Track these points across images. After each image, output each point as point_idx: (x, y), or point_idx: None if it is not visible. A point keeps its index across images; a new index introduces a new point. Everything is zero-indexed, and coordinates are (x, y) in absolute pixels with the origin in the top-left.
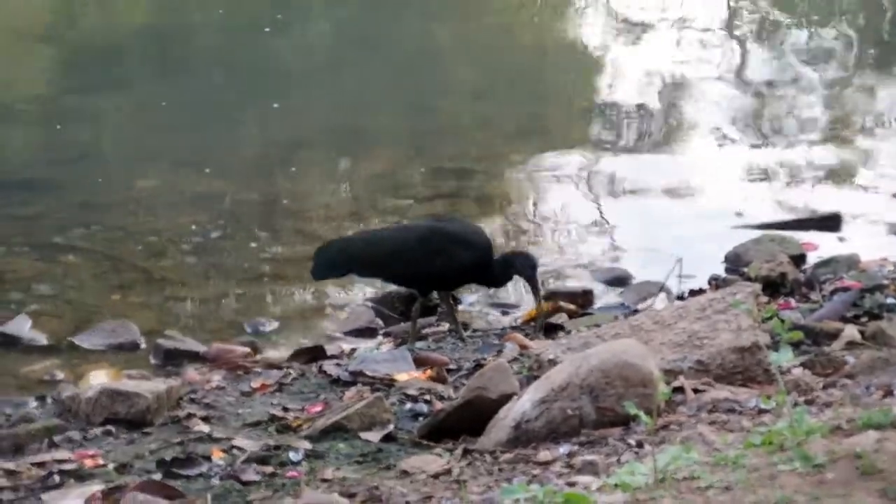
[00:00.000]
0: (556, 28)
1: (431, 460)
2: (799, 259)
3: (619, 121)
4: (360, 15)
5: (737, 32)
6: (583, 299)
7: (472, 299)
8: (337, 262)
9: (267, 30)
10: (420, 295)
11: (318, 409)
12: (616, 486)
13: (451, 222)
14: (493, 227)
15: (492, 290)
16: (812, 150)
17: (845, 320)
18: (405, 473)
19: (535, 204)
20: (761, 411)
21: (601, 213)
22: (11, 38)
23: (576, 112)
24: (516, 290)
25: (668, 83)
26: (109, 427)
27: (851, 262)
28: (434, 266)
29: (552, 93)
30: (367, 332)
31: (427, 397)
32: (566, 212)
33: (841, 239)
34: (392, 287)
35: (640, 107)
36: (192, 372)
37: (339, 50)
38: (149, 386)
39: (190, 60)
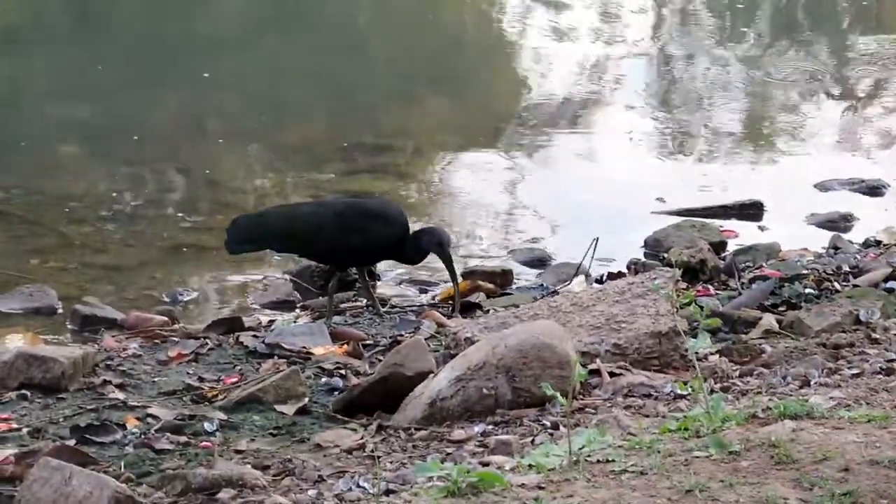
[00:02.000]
0: (482, 4)
1: (346, 435)
2: (719, 246)
3: (541, 101)
4: None
5: (661, 15)
6: (501, 279)
7: (390, 276)
8: (252, 236)
9: None
10: (337, 270)
11: (234, 380)
12: (530, 466)
13: (369, 199)
14: (411, 205)
15: (409, 268)
16: (734, 138)
17: (763, 309)
18: (319, 447)
19: (454, 183)
20: (677, 397)
21: (521, 193)
22: None
23: (498, 92)
24: (434, 268)
25: (592, 63)
26: (24, 391)
27: (771, 251)
28: (350, 242)
29: (474, 71)
30: (284, 305)
31: (343, 372)
32: (486, 191)
33: (761, 228)
34: (309, 261)
35: (563, 88)
36: (108, 339)
37: (267, 21)
38: (65, 351)
39: (117, 23)
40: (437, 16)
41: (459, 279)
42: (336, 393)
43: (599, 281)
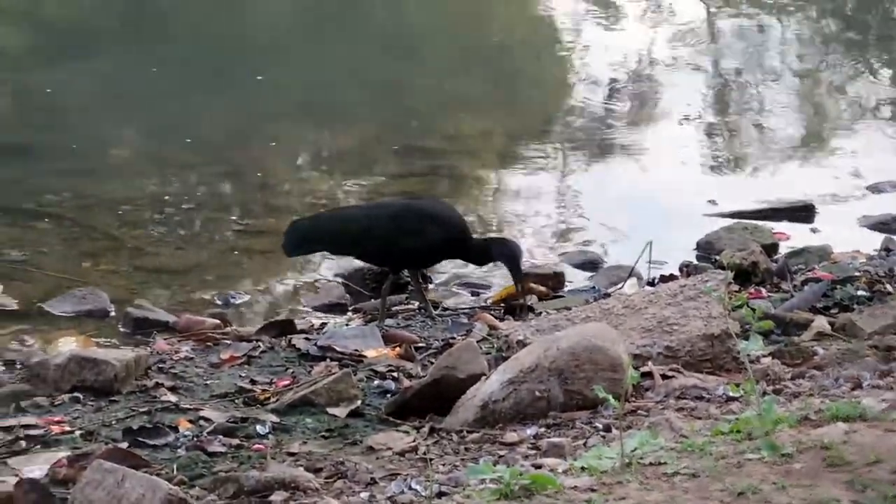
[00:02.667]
0: (535, 7)
1: (398, 437)
2: (771, 248)
3: (594, 104)
4: None
5: (713, 18)
6: (553, 282)
7: (442, 278)
8: (308, 238)
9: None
10: (391, 272)
11: (286, 382)
12: (582, 469)
13: (424, 200)
14: (464, 207)
15: (462, 270)
16: (786, 140)
17: (816, 311)
18: (371, 450)
19: (507, 185)
20: (730, 399)
21: (574, 196)
22: None
23: (550, 95)
24: (486, 271)
25: (644, 67)
26: (77, 394)
27: (823, 253)
28: (405, 244)
29: (527, 74)
30: (337, 308)
31: (395, 374)
32: (538, 194)
33: (813, 230)
34: (362, 264)
35: (615, 91)
36: (161, 342)
37: (321, 24)
38: (117, 354)
39: (172, 26)
40: (490, 19)
41: (489, 296)
42: (388, 395)
43: (652, 283)
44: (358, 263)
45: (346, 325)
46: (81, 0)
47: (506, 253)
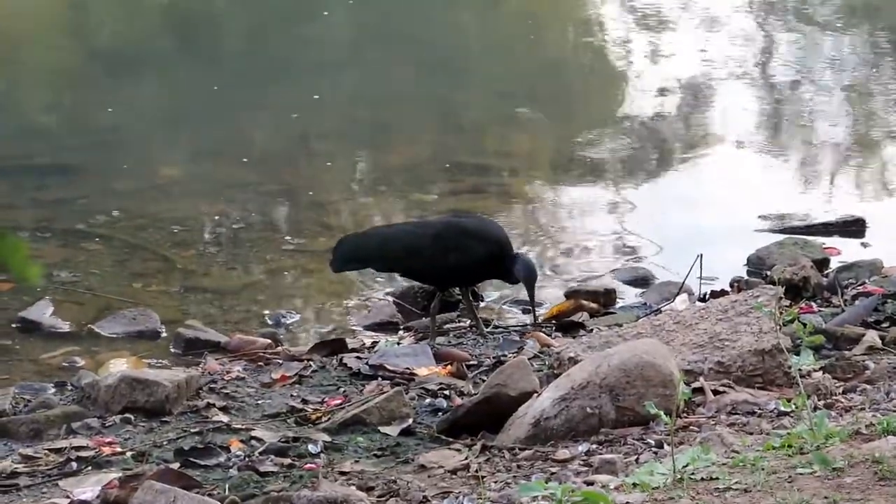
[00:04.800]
0: (580, 19)
1: (450, 455)
2: (821, 263)
3: (643, 121)
4: (388, 5)
5: (761, 31)
6: (604, 298)
7: (493, 296)
8: (355, 256)
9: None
10: (438, 290)
11: (338, 402)
12: (634, 485)
13: (468, 218)
14: (514, 225)
15: (513, 288)
16: (837, 154)
17: (866, 325)
18: (423, 468)
19: (556, 201)
20: (781, 414)
21: (624, 212)
22: (35, 23)
23: (599, 111)
24: (538, 288)
25: (692, 83)
26: (128, 415)
27: (874, 268)
28: (448, 262)
29: (574, 89)
30: (387, 326)
31: (446, 392)
32: (589, 210)
33: (864, 244)
34: (412, 282)
35: (664, 107)
36: (212, 362)
37: (373, 43)
38: (168, 375)
39: (228, 48)
40: (539, 37)
41: (539, 312)
42: (440, 413)
43: (702, 299)
44: (408, 282)
45: (398, 343)
46: (138, 20)
47: (521, 270)
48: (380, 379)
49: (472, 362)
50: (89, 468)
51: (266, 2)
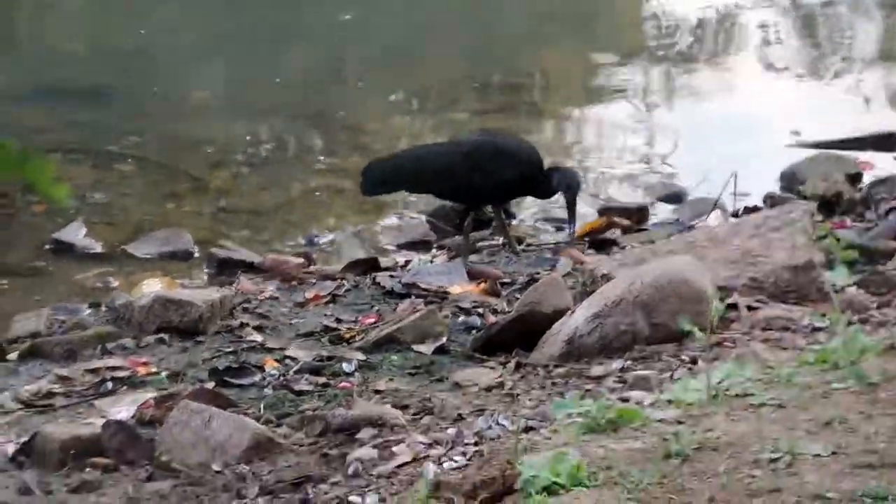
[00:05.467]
0: None
1: (484, 373)
2: (855, 178)
3: (675, 36)
4: None
5: None
6: (637, 215)
7: (526, 213)
8: (386, 179)
9: None
10: (470, 209)
11: (372, 320)
12: (669, 401)
13: (498, 137)
14: (545, 143)
15: (546, 205)
16: (870, 69)
17: None
18: (457, 386)
19: (589, 119)
20: (815, 329)
21: (657, 130)
22: None
23: (630, 29)
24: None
25: (725, 5)
26: (162, 335)
27: None
28: (479, 181)
29: (606, 8)
30: (421, 245)
31: (480, 310)
32: (621, 128)
33: None
34: (445, 201)
35: (696, 24)
36: (245, 282)
37: None
38: (202, 295)
39: None
40: None
41: (576, 224)
42: (474, 332)
43: (736, 215)
44: (441, 200)
45: (431, 261)
46: None
47: (563, 182)
48: (413, 297)
49: (505, 280)
50: (124, 388)
51: None
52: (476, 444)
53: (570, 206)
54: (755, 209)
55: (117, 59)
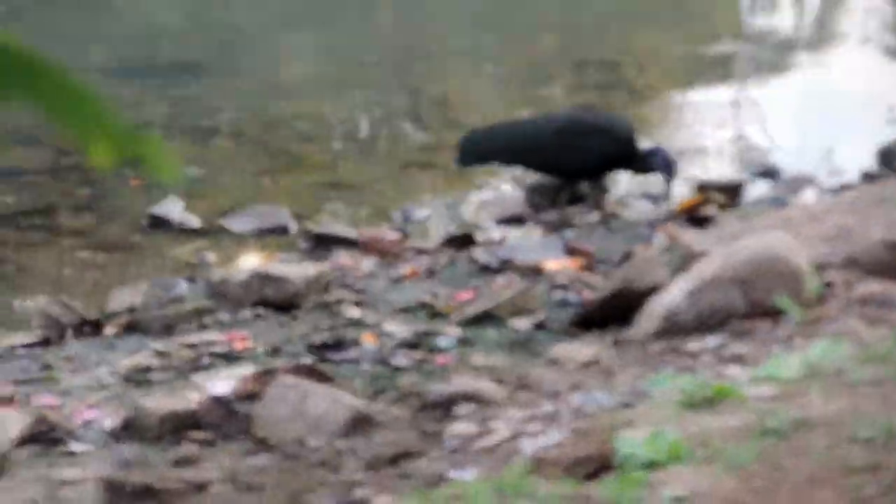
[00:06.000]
0: None
1: (580, 349)
2: None
3: (771, 13)
4: None
5: None
6: (733, 192)
7: (622, 189)
8: (481, 151)
9: None
10: (564, 184)
11: (468, 295)
12: (765, 378)
13: (591, 113)
14: (639, 119)
15: (641, 181)
16: None
17: None
18: (554, 362)
19: (684, 95)
20: None
21: (752, 106)
22: None
23: (727, 9)
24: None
25: None
26: (259, 310)
27: None
28: (573, 156)
29: None
30: (517, 220)
31: (576, 286)
32: (716, 105)
33: None
34: (541, 175)
35: (791, 8)
36: (342, 257)
37: None
38: (299, 270)
39: None
40: None
41: (673, 199)
42: (570, 307)
43: (832, 192)
44: (537, 175)
45: (527, 237)
46: None
47: (661, 163)
48: (509, 272)
49: (600, 256)
50: (222, 363)
51: None
52: (573, 419)
53: (667, 185)
54: (852, 186)
55: (209, 34)
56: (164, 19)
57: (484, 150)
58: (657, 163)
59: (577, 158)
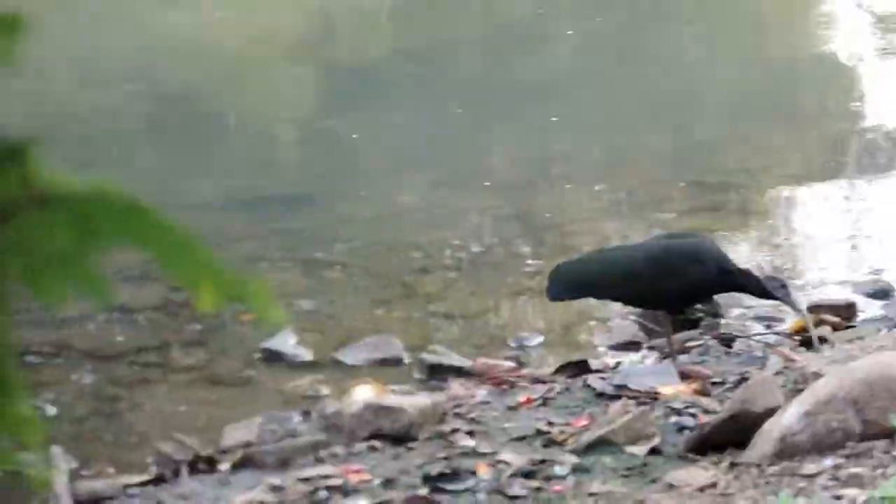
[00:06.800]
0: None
1: (697, 473)
2: None
3: (881, 129)
4: (616, 25)
5: None
6: (846, 312)
7: (735, 312)
8: (572, 283)
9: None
10: (666, 313)
11: (584, 423)
12: (883, 499)
13: (682, 240)
14: (752, 240)
15: (755, 303)
16: None
17: None
18: (671, 487)
19: (795, 216)
20: None
21: (863, 224)
22: (268, 54)
23: (835, 122)
24: (778, 304)
25: None
26: (374, 442)
27: None
28: (666, 286)
29: (809, 103)
30: (630, 346)
31: (692, 410)
32: (828, 223)
33: None
34: None
35: None
36: (456, 386)
37: (602, 64)
38: (413, 401)
39: (466, 74)
40: (765, 49)
41: (783, 327)
42: (685, 432)
43: None
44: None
45: (641, 362)
46: (373, 45)
47: (777, 286)
48: (624, 398)
49: (716, 379)
50: (338, 496)
51: (508, 24)
52: None
53: (788, 302)
54: None
55: (320, 163)
56: (275, 149)
57: (574, 283)
58: (774, 287)
59: (671, 288)
